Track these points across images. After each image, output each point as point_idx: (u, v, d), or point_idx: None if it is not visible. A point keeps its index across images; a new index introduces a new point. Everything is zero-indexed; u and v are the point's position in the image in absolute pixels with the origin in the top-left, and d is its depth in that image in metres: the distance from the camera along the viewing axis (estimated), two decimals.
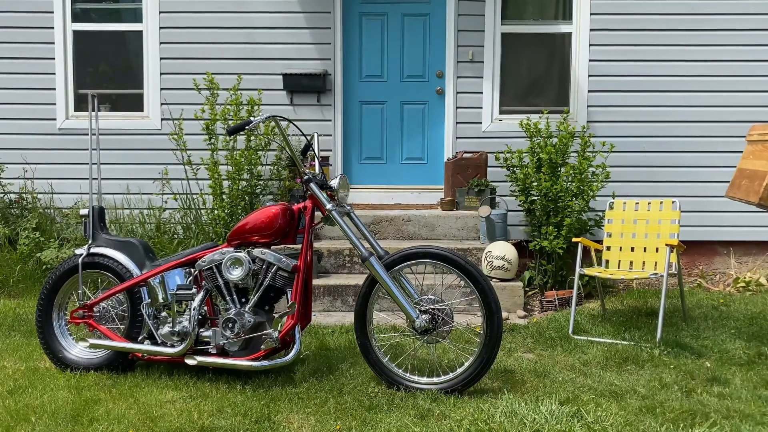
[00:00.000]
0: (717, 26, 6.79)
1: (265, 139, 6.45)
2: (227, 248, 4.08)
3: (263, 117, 3.94)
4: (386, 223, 6.41)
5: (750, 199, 4.35)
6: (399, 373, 3.95)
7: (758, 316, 5.44)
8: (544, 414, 3.41)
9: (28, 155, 6.92)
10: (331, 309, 5.72)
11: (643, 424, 3.41)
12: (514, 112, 6.93)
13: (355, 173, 7.13)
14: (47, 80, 6.96)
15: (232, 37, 6.91)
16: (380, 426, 3.43)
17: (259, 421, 3.48)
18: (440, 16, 6.99)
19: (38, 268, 6.26)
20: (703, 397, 3.83)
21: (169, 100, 6.92)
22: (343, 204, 4.12)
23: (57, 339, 4.32)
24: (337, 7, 6.90)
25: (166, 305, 4.12)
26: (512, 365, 4.33)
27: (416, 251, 3.91)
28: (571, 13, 6.93)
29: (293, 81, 6.83)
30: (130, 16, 7.08)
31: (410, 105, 7.12)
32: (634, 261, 5.46)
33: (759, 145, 4.50)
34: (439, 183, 7.02)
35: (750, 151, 4.62)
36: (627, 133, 6.74)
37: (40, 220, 6.55)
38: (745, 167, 4.59)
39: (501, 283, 5.69)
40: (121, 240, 4.36)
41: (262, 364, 3.91)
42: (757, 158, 4.46)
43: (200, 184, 6.62)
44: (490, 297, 3.79)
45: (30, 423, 3.45)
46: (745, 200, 4.52)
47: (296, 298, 3.91)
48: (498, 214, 6.20)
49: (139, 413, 3.56)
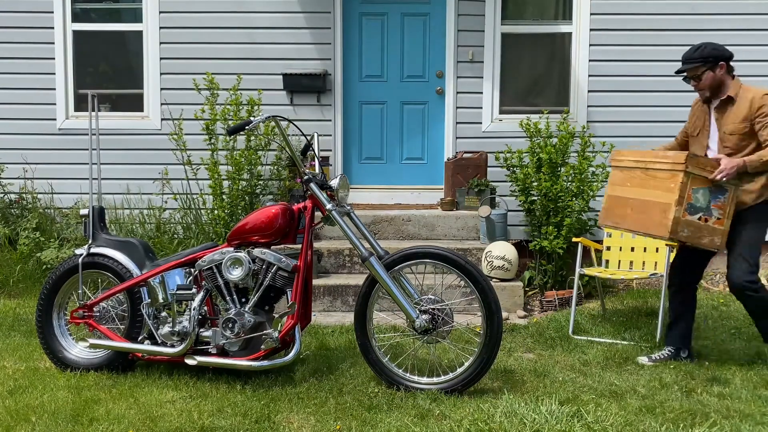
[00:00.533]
0: (717, 26, 6.78)
1: (265, 139, 6.45)
2: (227, 248, 4.08)
3: (263, 117, 3.94)
4: (386, 223, 6.41)
5: (653, 233, 4.11)
6: (399, 373, 3.95)
7: None
8: (544, 414, 3.41)
9: (28, 155, 6.92)
10: (331, 309, 5.72)
11: (643, 424, 3.40)
12: (514, 112, 6.93)
13: (355, 173, 7.13)
14: (47, 80, 6.96)
15: (232, 37, 6.91)
16: (380, 426, 3.42)
17: (259, 421, 3.48)
18: (440, 16, 6.99)
19: (38, 268, 6.26)
20: (703, 397, 3.82)
21: (169, 100, 6.92)
22: (343, 204, 4.12)
23: (57, 339, 4.32)
24: (337, 7, 6.90)
25: (166, 305, 4.12)
26: (512, 365, 4.33)
27: (416, 251, 3.91)
28: (571, 13, 6.93)
29: (293, 81, 6.83)
30: (130, 16, 7.08)
31: (410, 105, 7.12)
32: (634, 261, 5.46)
33: (638, 172, 4.25)
34: (439, 183, 7.02)
35: (625, 178, 4.35)
36: (627, 133, 6.74)
37: (40, 220, 6.55)
38: (625, 195, 4.30)
39: (501, 283, 5.69)
40: (121, 240, 4.35)
41: (262, 364, 3.91)
42: (640, 186, 4.20)
43: (200, 184, 6.62)
44: (490, 297, 3.79)
45: (30, 423, 3.45)
46: (640, 233, 4.28)
47: (296, 298, 3.91)
48: (498, 214, 6.20)
49: (139, 413, 3.56)
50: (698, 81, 4.22)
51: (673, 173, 3.98)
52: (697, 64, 4.18)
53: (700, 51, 4.19)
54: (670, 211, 3.93)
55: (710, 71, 4.17)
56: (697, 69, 4.19)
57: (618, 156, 4.47)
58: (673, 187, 3.94)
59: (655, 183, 4.07)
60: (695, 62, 4.19)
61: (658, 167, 4.09)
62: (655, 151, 4.39)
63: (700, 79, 4.21)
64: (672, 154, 4.13)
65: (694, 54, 4.20)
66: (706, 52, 4.17)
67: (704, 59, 4.16)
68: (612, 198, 4.41)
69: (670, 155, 4.10)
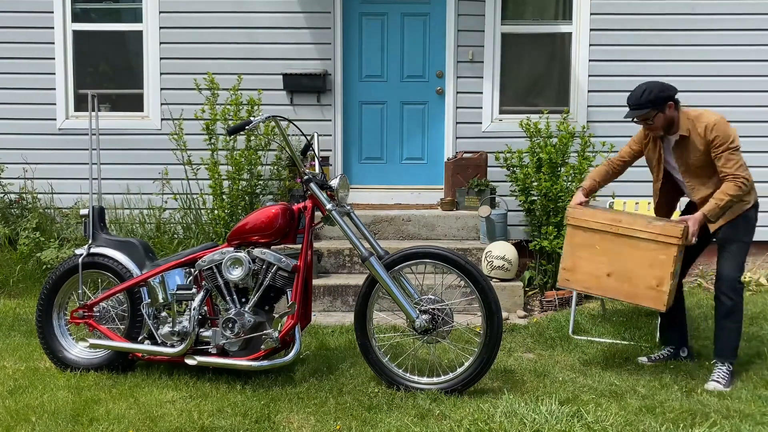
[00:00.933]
0: (717, 26, 6.79)
1: (265, 139, 6.45)
2: (227, 248, 4.08)
3: (263, 117, 3.94)
4: (386, 223, 6.41)
5: (645, 305, 3.98)
6: (399, 373, 3.95)
7: (758, 316, 5.43)
8: (544, 414, 3.41)
9: (28, 155, 6.91)
10: (331, 309, 5.72)
11: (643, 424, 3.41)
12: (514, 112, 6.93)
13: (355, 173, 7.13)
14: (47, 80, 6.96)
15: (232, 37, 6.91)
16: (380, 426, 3.43)
17: (259, 421, 3.48)
18: (440, 16, 6.99)
19: (38, 268, 6.26)
20: (703, 397, 3.83)
21: (169, 100, 6.92)
22: (343, 204, 4.12)
23: (57, 339, 4.32)
24: (337, 7, 6.90)
25: (166, 305, 4.12)
26: (512, 365, 4.33)
27: (416, 251, 3.91)
28: (571, 13, 6.92)
29: (293, 81, 6.83)
30: (130, 16, 7.08)
31: (410, 105, 7.12)
32: None
33: (610, 236, 4.01)
34: (439, 183, 7.02)
35: (592, 240, 4.05)
36: (627, 133, 6.65)
37: (40, 220, 6.55)
38: (597, 258, 4.01)
39: (501, 283, 5.69)
40: (121, 240, 4.36)
41: (262, 364, 3.91)
42: (616, 252, 3.96)
43: (200, 184, 6.62)
44: (490, 297, 3.79)
45: (30, 423, 3.46)
46: (625, 302, 4.14)
47: (296, 298, 3.91)
48: (498, 214, 6.20)
49: (139, 413, 3.57)
50: (650, 123, 4.09)
51: (665, 245, 3.85)
52: (647, 110, 4.03)
53: (646, 95, 4.02)
54: (665, 284, 3.85)
55: (661, 113, 4.04)
56: (649, 113, 4.04)
57: (578, 215, 4.14)
58: (665, 259, 3.84)
59: (640, 253, 3.90)
60: (645, 108, 4.03)
61: (642, 236, 3.91)
62: (625, 214, 4.17)
63: (653, 121, 4.07)
64: (661, 224, 3.95)
65: (641, 99, 4.03)
66: (653, 95, 4.00)
67: (653, 103, 4.01)
68: (578, 259, 4.10)
69: (658, 226, 3.93)
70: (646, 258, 3.92)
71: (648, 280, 3.91)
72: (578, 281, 4.00)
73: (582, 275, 4.03)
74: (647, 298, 3.89)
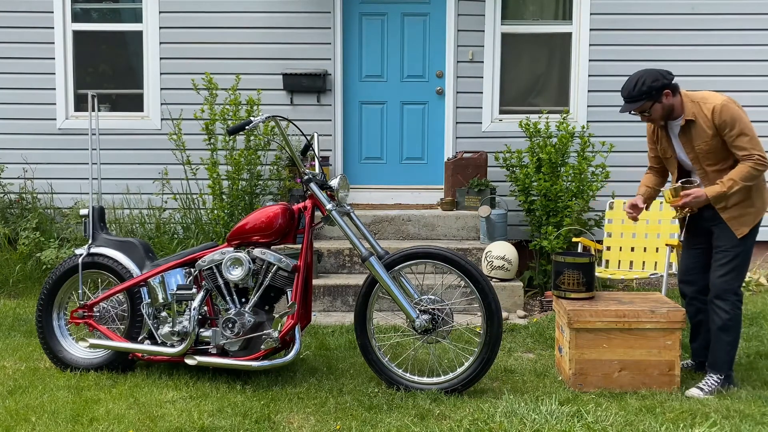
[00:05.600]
0: (717, 26, 6.79)
1: (264, 139, 6.45)
2: (227, 248, 4.08)
3: (263, 117, 3.94)
4: (386, 223, 6.41)
5: (662, 389, 3.91)
6: (399, 373, 3.95)
7: (758, 316, 5.43)
8: (544, 414, 3.41)
9: (28, 155, 6.92)
10: (331, 309, 5.72)
11: (643, 424, 3.41)
12: (514, 112, 6.93)
13: (355, 173, 7.13)
14: (47, 80, 6.96)
15: (232, 37, 6.91)
16: (380, 426, 3.43)
17: (259, 421, 3.48)
18: (440, 16, 6.99)
19: (38, 268, 6.27)
20: (703, 397, 3.82)
21: (169, 100, 6.92)
22: (343, 204, 4.12)
23: (57, 339, 4.32)
24: (337, 7, 6.90)
25: (166, 305, 4.12)
26: (512, 365, 4.33)
27: (416, 251, 3.91)
28: (571, 13, 6.92)
29: (293, 81, 6.83)
30: (130, 16, 7.08)
31: (410, 105, 7.12)
32: (634, 261, 5.47)
33: (616, 333, 3.94)
34: (439, 183, 7.02)
35: (598, 340, 3.95)
36: (627, 134, 6.73)
37: (40, 220, 6.55)
38: (607, 359, 3.94)
39: (501, 283, 5.69)
40: (121, 240, 4.36)
41: (262, 364, 3.91)
42: (626, 347, 3.93)
43: (200, 184, 6.62)
44: (490, 297, 3.79)
45: (30, 423, 3.45)
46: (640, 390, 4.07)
47: (296, 298, 3.91)
48: (498, 214, 6.20)
49: (139, 413, 3.57)
50: (648, 115, 3.90)
51: (670, 332, 3.92)
52: (642, 102, 3.82)
53: (639, 86, 3.79)
54: (675, 368, 3.94)
55: (657, 103, 3.82)
56: (644, 105, 3.83)
57: (580, 317, 3.97)
58: (672, 344, 3.92)
59: (648, 342, 3.94)
60: (640, 101, 3.82)
61: (648, 326, 3.93)
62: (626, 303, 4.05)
63: (650, 113, 3.86)
64: (664, 311, 3.92)
65: (634, 91, 3.81)
66: (646, 86, 3.78)
67: (647, 94, 3.79)
68: (588, 362, 3.98)
69: (657, 314, 3.91)
70: (655, 346, 3.96)
71: (660, 367, 3.96)
72: (592, 383, 3.98)
73: (594, 377, 3.99)
74: (662, 384, 3.96)
